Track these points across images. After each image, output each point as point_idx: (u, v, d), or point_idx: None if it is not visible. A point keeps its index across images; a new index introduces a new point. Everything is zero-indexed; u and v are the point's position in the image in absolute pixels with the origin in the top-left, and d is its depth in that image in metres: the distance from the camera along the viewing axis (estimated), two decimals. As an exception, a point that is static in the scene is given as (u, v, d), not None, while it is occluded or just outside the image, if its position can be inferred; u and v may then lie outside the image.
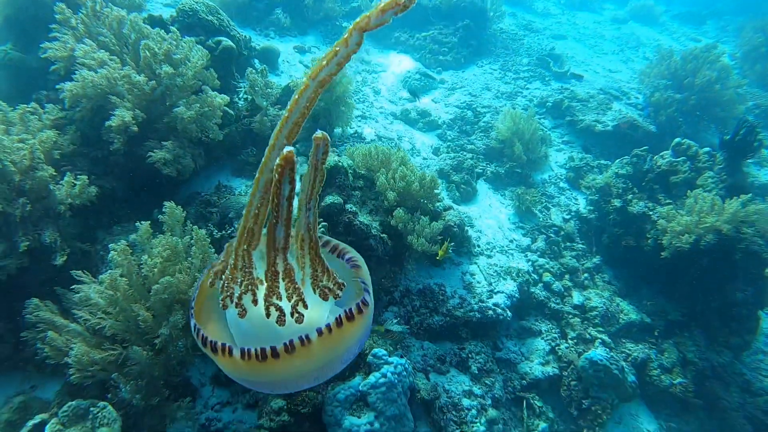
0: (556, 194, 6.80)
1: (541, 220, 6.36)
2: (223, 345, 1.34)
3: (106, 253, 4.13)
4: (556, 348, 5.16)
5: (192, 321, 1.53)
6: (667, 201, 5.87)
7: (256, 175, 1.35)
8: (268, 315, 1.31)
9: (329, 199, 4.19)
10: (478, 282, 5.08)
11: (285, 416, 3.77)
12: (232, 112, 5.49)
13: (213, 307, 1.63)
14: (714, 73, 8.00)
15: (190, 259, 3.64)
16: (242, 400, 4.09)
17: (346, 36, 1.17)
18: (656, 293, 5.98)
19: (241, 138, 5.69)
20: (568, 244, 6.14)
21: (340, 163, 4.35)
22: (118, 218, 4.60)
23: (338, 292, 1.42)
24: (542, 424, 4.88)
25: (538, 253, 5.86)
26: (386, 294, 4.78)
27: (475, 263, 5.30)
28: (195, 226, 3.84)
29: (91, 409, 3.41)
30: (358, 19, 1.14)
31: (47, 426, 3.32)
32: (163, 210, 3.80)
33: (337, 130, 6.49)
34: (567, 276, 5.71)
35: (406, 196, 4.59)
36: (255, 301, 1.38)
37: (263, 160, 1.34)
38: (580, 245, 6.21)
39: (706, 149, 5.79)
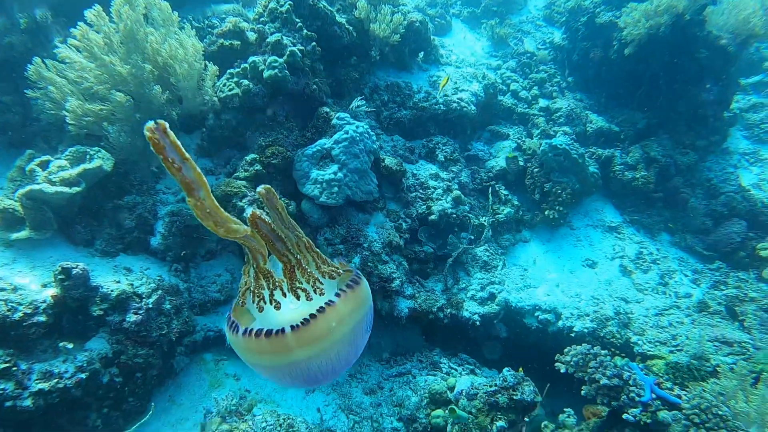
0: (532, 30, 6.96)
1: (514, 49, 6.56)
2: (272, 330, 1.50)
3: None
4: (522, 145, 5.48)
5: (240, 328, 1.64)
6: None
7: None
8: (297, 297, 1.58)
9: (292, -17, 4.51)
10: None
11: (258, 166, 4.25)
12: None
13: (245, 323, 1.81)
14: None
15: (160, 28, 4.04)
16: (223, 171, 4.59)
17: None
18: (625, 108, 6.17)
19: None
20: (541, 67, 6.34)
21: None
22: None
23: (340, 270, 1.70)
24: (507, 209, 5.27)
25: (509, 71, 6.10)
26: (356, 91, 5.14)
27: (443, 70, 5.59)
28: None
29: (89, 151, 3.94)
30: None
31: (51, 162, 3.87)
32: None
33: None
34: (535, 88, 5.96)
35: (368, -10, 4.88)
36: (284, 294, 1.62)
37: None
38: (553, 70, 6.41)
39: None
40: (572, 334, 4.82)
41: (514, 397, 4.09)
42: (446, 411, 4.15)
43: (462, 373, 4.81)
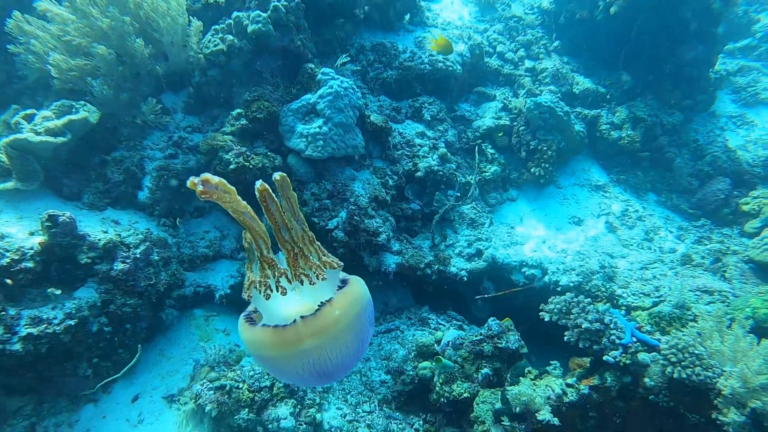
0: (520, -4, 6.96)
1: (501, 14, 6.56)
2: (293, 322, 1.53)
3: None
4: (508, 105, 5.51)
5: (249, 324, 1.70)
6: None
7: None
8: (302, 282, 1.61)
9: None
10: (430, 42, 5.40)
11: (243, 121, 4.28)
12: None
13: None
14: None
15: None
16: (210, 129, 4.61)
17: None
18: (612, 71, 6.18)
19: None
20: (528, 31, 6.35)
21: None
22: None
23: (339, 262, 1.72)
24: (494, 167, 5.31)
25: (496, 33, 6.11)
26: (342, 51, 5.15)
27: (429, 32, 5.60)
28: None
29: (74, 104, 3.97)
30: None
31: (36, 115, 3.89)
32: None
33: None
34: (522, 49, 5.98)
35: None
36: (289, 280, 1.65)
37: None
38: (541, 33, 6.42)
39: None
40: (558, 288, 4.88)
41: (499, 346, 4.16)
42: (433, 362, 4.22)
43: (450, 328, 4.88)
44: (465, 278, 4.87)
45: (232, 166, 4.05)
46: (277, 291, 1.64)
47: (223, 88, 4.48)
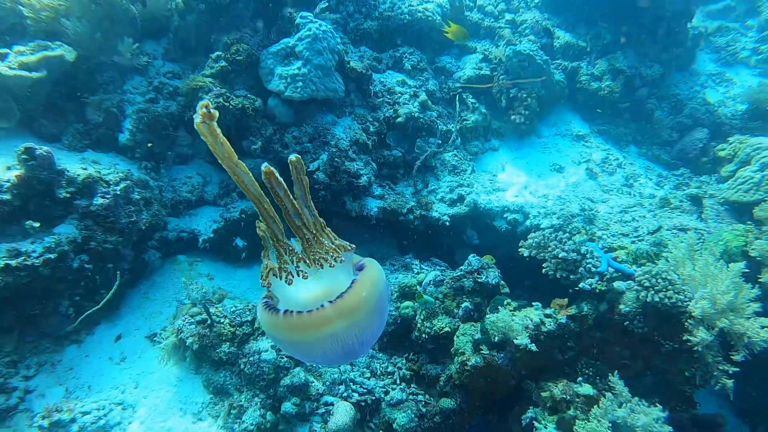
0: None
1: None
2: (321, 306, 1.51)
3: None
4: (489, 56, 5.55)
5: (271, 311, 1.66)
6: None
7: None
8: (321, 266, 1.61)
9: None
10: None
11: (223, 62, 4.29)
12: None
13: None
14: None
15: None
16: (191, 76, 4.60)
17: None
18: (592, 27, 6.23)
19: None
20: (509, -12, 6.39)
21: None
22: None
23: (351, 246, 1.73)
24: (475, 116, 5.35)
25: (476, -11, 6.16)
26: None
27: (409, -15, 5.63)
28: None
29: (50, 44, 3.95)
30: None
31: (10, 54, 3.88)
32: None
33: None
34: (502, 3, 6.02)
35: None
36: (308, 264, 1.64)
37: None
38: (522, -9, 6.46)
39: None
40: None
41: (479, 280, 4.21)
42: (414, 301, 4.26)
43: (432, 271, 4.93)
44: (447, 223, 4.92)
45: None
46: (299, 276, 1.64)
47: (201, 31, 4.48)
